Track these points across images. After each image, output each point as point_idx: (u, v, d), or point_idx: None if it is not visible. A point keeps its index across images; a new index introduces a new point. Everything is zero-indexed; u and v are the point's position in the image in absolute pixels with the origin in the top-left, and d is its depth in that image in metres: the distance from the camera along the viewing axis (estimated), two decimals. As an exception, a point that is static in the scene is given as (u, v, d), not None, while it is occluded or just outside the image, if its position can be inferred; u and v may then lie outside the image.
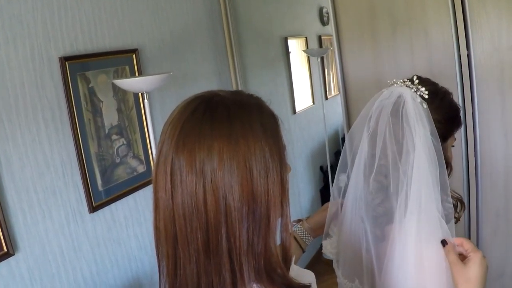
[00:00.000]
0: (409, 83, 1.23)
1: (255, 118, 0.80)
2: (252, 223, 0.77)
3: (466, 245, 1.10)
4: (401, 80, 1.26)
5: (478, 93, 2.39)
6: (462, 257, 1.10)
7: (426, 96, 1.20)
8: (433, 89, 1.24)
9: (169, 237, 0.80)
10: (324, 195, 4.03)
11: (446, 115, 1.24)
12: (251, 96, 0.86)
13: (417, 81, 1.23)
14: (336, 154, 3.92)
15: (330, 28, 2.71)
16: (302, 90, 3.85)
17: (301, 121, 3.85)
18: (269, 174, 0.78)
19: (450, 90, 1.30)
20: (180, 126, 0.78)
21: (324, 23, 3.77)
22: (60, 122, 1.90)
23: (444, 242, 1.10)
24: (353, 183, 1.32)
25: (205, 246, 0.77)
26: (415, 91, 1.21)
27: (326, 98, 3.83)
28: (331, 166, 3.78)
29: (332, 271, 1.47)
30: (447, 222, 1.15)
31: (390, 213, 1.21)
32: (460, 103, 2.28)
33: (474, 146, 2.43)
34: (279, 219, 0.82)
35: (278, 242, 0.83)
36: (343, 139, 3.54)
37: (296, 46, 3.78)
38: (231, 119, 0.78)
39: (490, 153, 2.42)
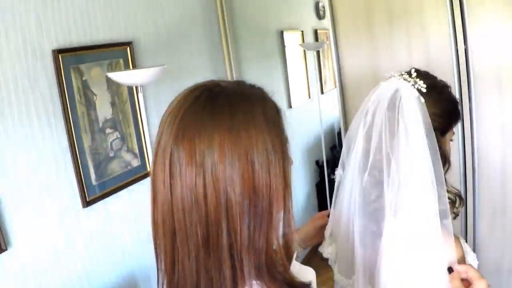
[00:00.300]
0: (407, 76, 1.21)
1: (258, 110, 0.78)
2: (254, 218, 0.75)
3: (470, 273, 1.10)
4: (399, 73, 1.24)
5: (475, 88, 2.37)
6: (467, 283, 1.09)
7: (424, 90, 1.19)
8: (431, 82, 1.22)
9: (168, 232, 0.78)
10: (320, 189, 4.02)
11: (444, 109, 1.23)
12: (253, 86, 0.84)
13: (415, 74, 1.21)
14: (332, 148, 3.91)
15: (326, 22, 2.70)
16: (298, 84, 3.84)
17: (297, 115, 3.83)
18: (271, 167, 0.75)
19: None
20: (180, 116, 0.76)
21: (320, 17, 3.76)
22: (53, 116, 1.87)
23: (450, 270, 1.10)
24: (350, 178, 1.31)
25: (205, 241, 0.74)
26: (413, 85, 1.19)
27: (322, 93, 3.81)
28: (327, 161, 3.77)
29: (327, 266, 1.46)
30: (445, 218, 1.14)
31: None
32: (457, 97, 2.27)
33: (471, 141, 2.41)
34: (281, 214, 0.79)
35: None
36: (339, 134, 3.53)
37: (292, 40, 3.76)
38: (233, 110, 0.75)
39: (487, 148, 2.41)
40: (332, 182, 1.45)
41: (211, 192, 0.73)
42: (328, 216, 1.46)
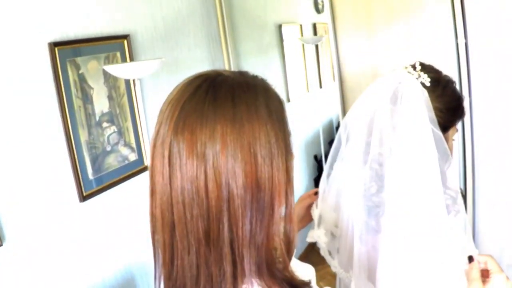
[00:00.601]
0: (411, 69, 1.19)
1: (261, 101, 0.75)
2: (256, 212, 0.72)
3: (489, 265, 1.08)
4: (403, 66, 1.22)
5: (474, 82, 2.36)
6: (486, 273, 1.08)
7: (428, 84, 1.17)
8: (436, 76, 1.20)
9: (166, 225, 0.75)
10: (318, 184, 4.00)
11: (448, 104, 1.20)
12: (256, 77, 0.82)
13: (419, 67, 1.19)
14: (330, 143, 3.88)
15: (325, 15, 2.68)
16: (296, 78, 3.82)
17: (295, 109, 3.81)
18: (273, 160, 0.73)
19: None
20: (180, 106, 0.74)
21: (319, 10, 3.73)
22: (49, 110, 1.85)
23: (470, 259, 1.08)
24: (349, 172, 1.30)
25: (205, 235, 0.72)
26: (417, 78, 1.17)
27: (321, 87, 3.79)
28: (325, 155, 3.75)
29: (326, 261, 1.45)
30: (449, 212, 1.12)
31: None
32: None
33: (471, 136, 2.40)
34: (283, 209, 0.78)
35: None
36: (338, 128, 3.52)
37: (290, 34, 3.74)
38: (236, 100, 0.73)
39: (486, 144, 2.40)
40: (330, 177, 1.43)
41: (212, 185, 0.71)
42: (316, 194, 1.44)
